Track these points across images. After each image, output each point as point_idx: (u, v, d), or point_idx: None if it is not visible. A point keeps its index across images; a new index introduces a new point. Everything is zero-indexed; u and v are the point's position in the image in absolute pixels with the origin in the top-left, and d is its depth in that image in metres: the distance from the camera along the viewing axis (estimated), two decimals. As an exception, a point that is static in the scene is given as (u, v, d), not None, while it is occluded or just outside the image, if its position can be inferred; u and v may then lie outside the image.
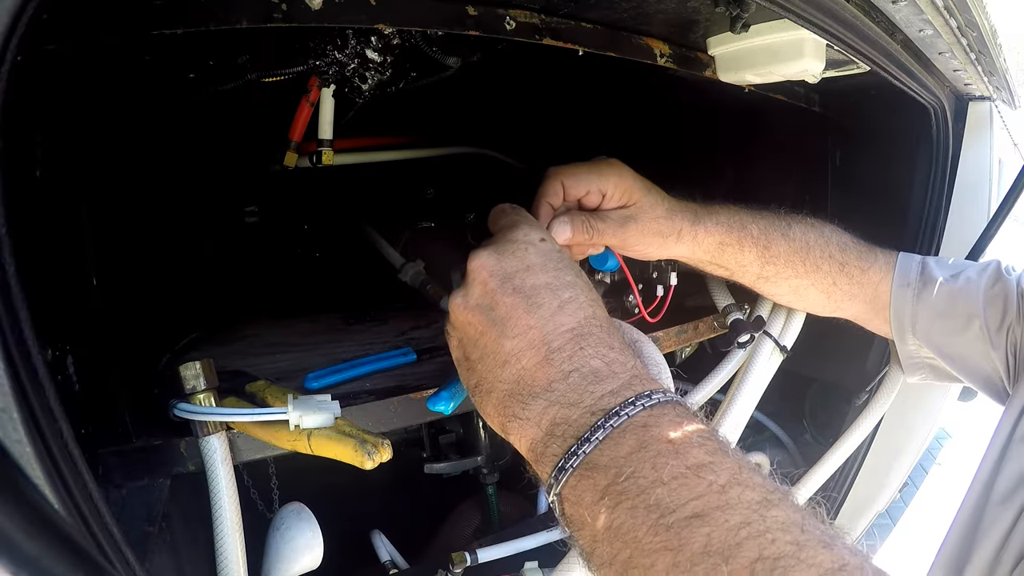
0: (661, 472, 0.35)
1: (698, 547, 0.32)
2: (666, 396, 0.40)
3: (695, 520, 0.32)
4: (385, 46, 0.78)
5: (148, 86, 0.76)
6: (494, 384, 0.45)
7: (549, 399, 0.41)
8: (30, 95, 0.39)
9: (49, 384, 0.33)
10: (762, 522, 0.32)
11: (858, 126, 1.06)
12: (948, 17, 0.70)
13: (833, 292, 0.78)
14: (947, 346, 0.76)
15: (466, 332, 0.48)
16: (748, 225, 0.75)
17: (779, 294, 0.80)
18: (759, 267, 0.76)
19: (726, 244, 0.73)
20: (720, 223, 0.73)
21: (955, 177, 1.01)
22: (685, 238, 0.71)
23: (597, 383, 0.41)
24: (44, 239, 0.45)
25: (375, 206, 1.18)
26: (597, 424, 0.38)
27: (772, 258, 0.75)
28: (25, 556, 0.22)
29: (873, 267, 0.78)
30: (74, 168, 0.50)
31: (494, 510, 1.09)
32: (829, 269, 0.77)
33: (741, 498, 0.33)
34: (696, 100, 1.15)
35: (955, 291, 0.75)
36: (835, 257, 0.77)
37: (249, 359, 0.78)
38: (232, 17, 0.50)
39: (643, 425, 0.38)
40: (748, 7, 0.66)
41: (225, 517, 0.53)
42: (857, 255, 0.78)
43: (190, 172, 1.03)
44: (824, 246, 0.77)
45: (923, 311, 0.76)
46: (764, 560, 0.30)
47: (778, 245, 0.75)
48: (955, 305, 0.75)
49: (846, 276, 0.78)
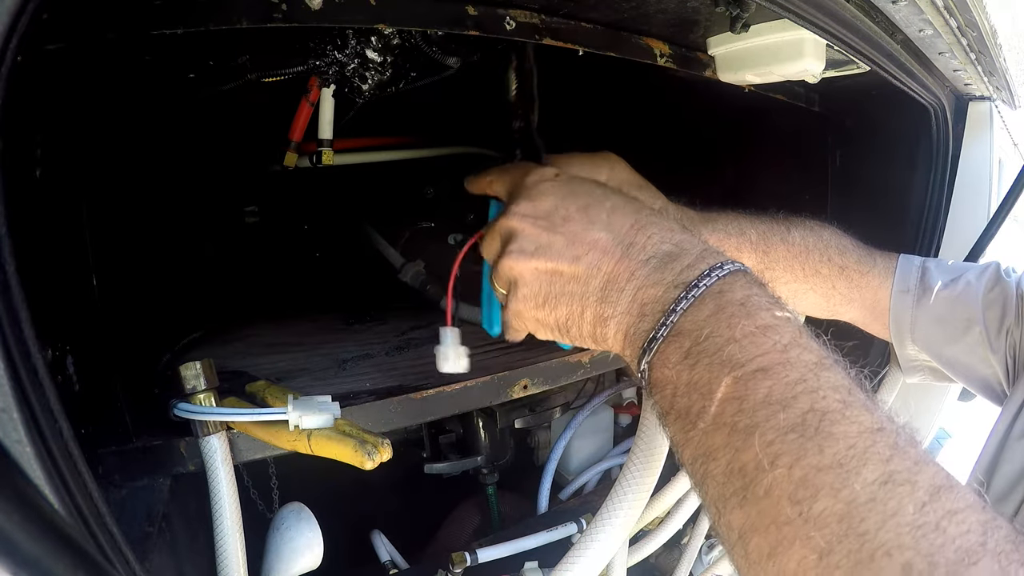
0: (734, 330, 0.39)
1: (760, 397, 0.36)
2: (735, 265, 0.44)
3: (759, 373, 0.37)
4: (385, 46, 0.78)
5: (148, 86, 0.76)
6: (584, 304, 0.48)
7: (636, 285, 0.45)
8: (30, 95, 0.39)
9: (49, 384, 0.33)
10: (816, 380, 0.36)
11: (858, 126, 1.06)
12: (948, 17, 0.70)
13: (832, 296, 0.78)
14: (946, 351, 0.76)
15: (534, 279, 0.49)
16: (747, 230, 0.74)
17: None
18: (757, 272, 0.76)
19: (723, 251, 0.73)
20: (717, 230, 0.73)
21: (955, 177, 1.01)
22: None
23: (673, 261, 0.45)
24: (44, 239, 0.45)
25: (375, 206, 1.18)
26: (680, 296, 0.42)
27: (771, 263, 0.75)
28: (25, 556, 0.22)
29: (872, 271, 0.78)
30: (74, 168, 0.50)
31: (494, 510, 1.09)
32: (828, 273, 0.76)
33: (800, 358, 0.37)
34: (696, 100, 1.15)
35: (954, 297, 0.75)
36: (834, 261, 0.77)
37: (249, 359, 0.78)
38: (232, 17, 0.50)
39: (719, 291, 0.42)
40: (748, 7, 0.66)
41: (225, 517, 0.53)
42: (856, 259, 0.78)
43: (190, 172, 1.03)
44: (823, 250, 0.77)
45: (922, 317, 0.76)
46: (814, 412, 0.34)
47: (777, 250, 0.75)
48: (954, 311, 0.75)
49: (845, 280, 0.77)
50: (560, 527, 0.94)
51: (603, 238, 0.47)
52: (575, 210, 0.49)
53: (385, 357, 0.78)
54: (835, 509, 0.32)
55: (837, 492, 0.32)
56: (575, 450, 1.24)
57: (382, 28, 0.62)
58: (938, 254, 1.00)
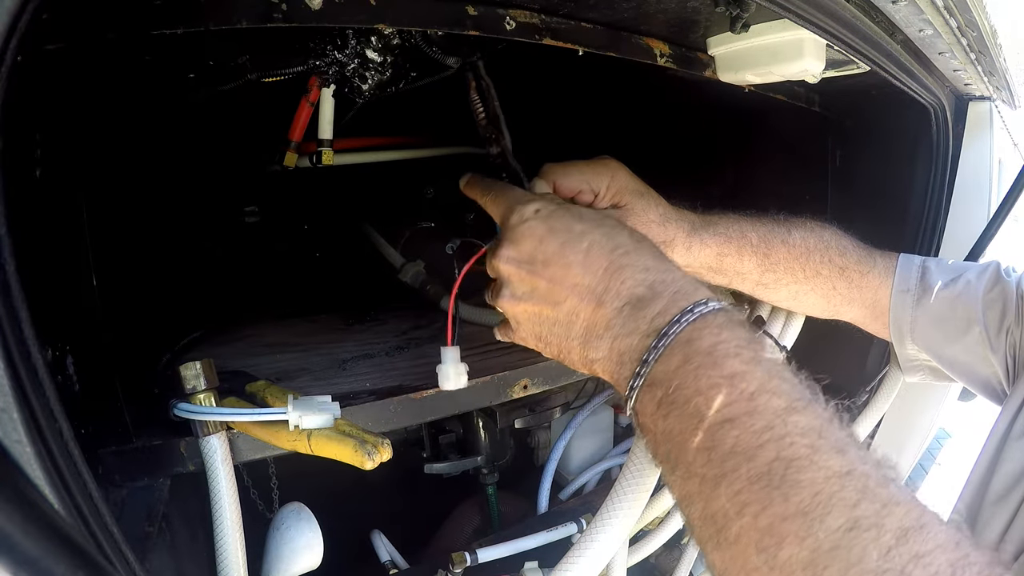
0: (700, 382, 0.40)
1: (727, 448, 0.37)
2: (707, 306, 0.44)
3: (726, 424, 0.38)
4: (385, 46, 0.78)
5: (148, 86, 0.76)
6: (570, 346, 0.51)
7: (613, 335, 0.47)
8: (30, 95, 0.39)
9: (49, 384, 0.33)
10: (784, 426, 0.37)
11: (858, 126, 1.06)
12: (948, 17, 0.70)
13: (832, 296, 0.78)
14: (946, 351, 0.76)
15: (527, 320, 0.53)
16: (747, 233, 0.74)
17: (778, 300, 0.80)
18: (758, 275, 0.76)
19: (724, 254, 0.73)
20: (718, 233, 0.73)
21: (955, 177, 1.01)
22: (678, 248, 0.71)
23: (646, 308, 0.46)
24: (44, 239, 0.45)
25: (375, 206, 1.18)
26: (651, 346, 0.44)
27: (772, 265, 0.75)
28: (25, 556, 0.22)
29: (872, 271, 0.78)
30: (74, 168, 0.50)
31: (494, 510, 1.09)
32: (829, 274, 0.77)
33: (768, 405, 0.38)
34: (696, 100, 1.15)
35: (954, 296, 0.75)
36: (835, 262, 0.77)
37: (249, 359, 0.78)
38: (232, 17, 0.50)
39: (687, 340, 0.43)
40: (748, 7, 0.66)
41: (225, 517, 0.53)
42: (857, 259, 0.78)
43: (190, 172, 1.03)
44: (824, 251, 0.77)
45: (922, 317, 0.76)
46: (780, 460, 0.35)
47: (778, 252, 0.75)
48: (954, 311, 0.74)
49: (845, 281, 0.78)
50: (560, 527, 0.94)
51: (580, 282, 0.49)
52: (553, 252, 0.51)
53: (385, 357, 0.78)
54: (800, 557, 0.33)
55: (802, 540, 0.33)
56: (575, 450, 1.24)
57: (382, 28, 0.62)
58: (938, 254, 1.00)
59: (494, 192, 0.59)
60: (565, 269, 0.50)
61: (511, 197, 0.56)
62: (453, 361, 0.61)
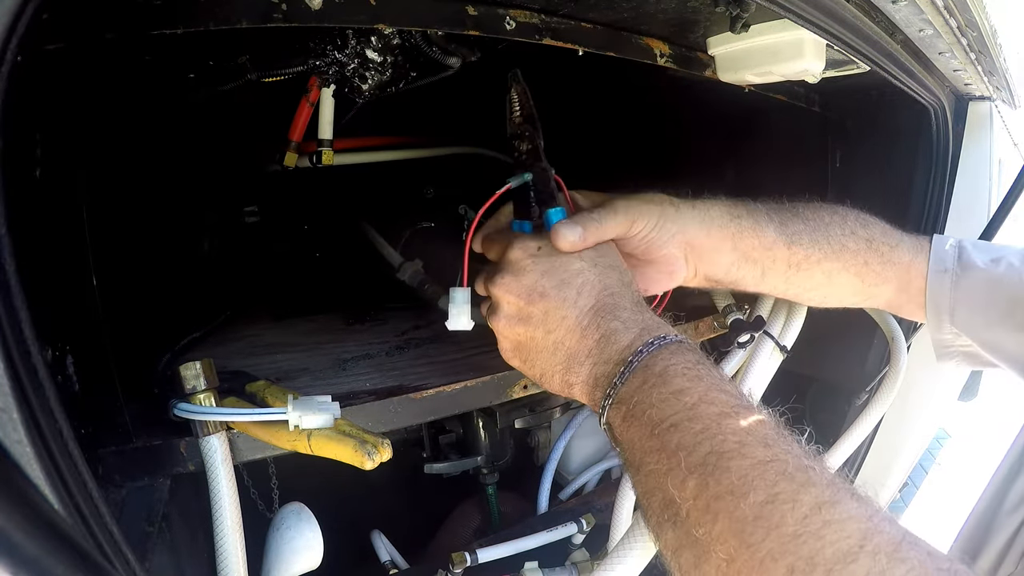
0: (652, 397, 0.49)
1: (673, 446, 0.45)
2: (666, 339, 0.52)
3: (672, 428, 0.46)
4: (385, 46, 0.78)
5: (148, 86, 0.76)
6: (553, 369, 0.58)
7: (591, 362, 0.55)
8: (30, 95, 0.39)
9: (49, 384, 0.33)
10: (717, 428, 0.45)
11: (858, 126, 1.06)
12: (948, 17, 0.70)
13: (866, 274, 0.72)
14: (989, 335, 0.72)
15: (517, 342, 0.60)
16: (750, 202, 0.70)
17: (813, 286, 0.73)
18: (786, 249, 0.69)
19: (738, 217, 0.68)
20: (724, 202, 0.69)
21: (955, 177, 1.01)
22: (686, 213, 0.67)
23: (617, 340, 0.54)
24: (44, 239, 0.45)
25: (375, 206, 1.18)
26: (620, 372, 0.52)
27: (794, 236, 0.69)
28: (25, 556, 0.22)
29: (901, 245, 0.73)
30: (74, 168, 0.50)
31: (494, 510, 1.09)
32: (856, 248, 0.71)
33: (705, 412, 0.46)
34: (696, 100, 1.15)
35: (997, 278, 0.71)
36: (859, 234, 0.72)
37: (249, 359, 0.78)
38: (232, 17, 0.50)
39: (646, 366, 0.51)
40: (748, 7, 0.66)
41: (225, 517, 0.53)
42: (882, 231, 0.73)
43: (190, 172, 1.03)
44: (842, 222, 0.72)
45: (963, 299, 0.72)
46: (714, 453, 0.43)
47: (794, 223, 0.70)
48: (999, 293, 0.70)
49: (876, 254, 0.72)
50: (560, 527, 0.95)
51: (570, 316, 0.56)
52: (551, 287, 0.58)
53: (385, 357, 0.78)
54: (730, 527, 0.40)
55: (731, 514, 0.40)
56: (575, 450, 1.24)
57: (382, 28, 0.62)
58: (938, 254, 0.99)
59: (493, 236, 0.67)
60: (559, 303, 0.57)
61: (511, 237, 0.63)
62: (463, 302, 0.64)
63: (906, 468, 1.29)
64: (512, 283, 0.59)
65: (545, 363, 0.58)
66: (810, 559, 0.36)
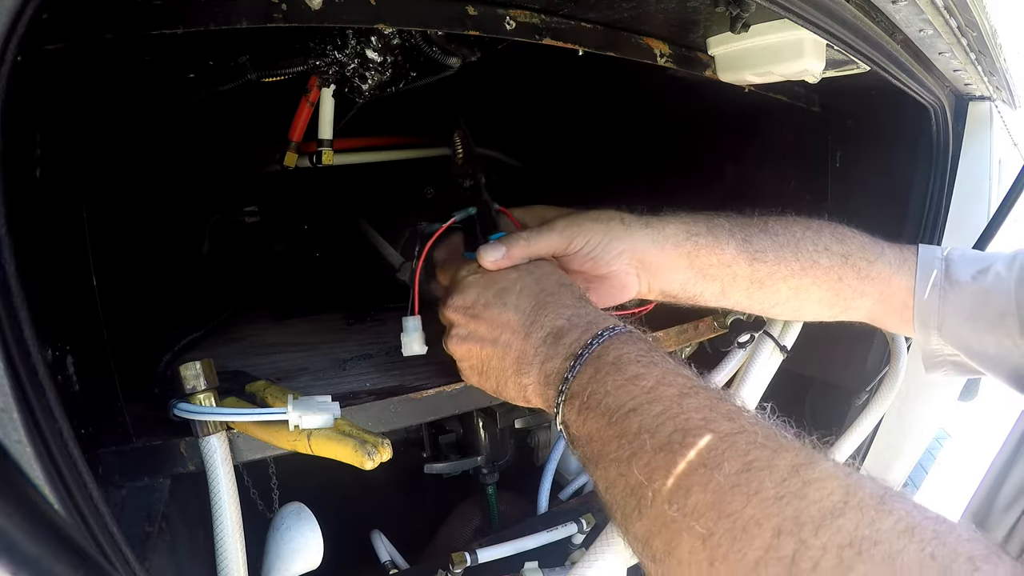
0: (607, 385, 0.48)
1: (634, 431, 0.45)
2: (614, 331, 0.52)
3: (631, 413, 0.45)
4: (385, 46, 0.78)
5: (148, 86, 0.76)
6: (506, 376, 0.58)
7: (540, 360, 0.55)
8: (30, 95, 0.39)
9: (49, 384, 0.33)
10: (679, 408, 0.44)
11: (858, 126, 1.06)
12: (948, 17, 0.70)
13: (841, 290, 0.72)
14: (977, 345, 0.72)
15: (472, 359, 0.61)
16: (712, 217, 0.70)
17: (779, 301, 0.72)
18: (748, 266, 0.68)
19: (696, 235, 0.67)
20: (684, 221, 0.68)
21: (955, 177, 1.01)
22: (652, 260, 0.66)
23: (565, 336, 0.54)
24: (44, 239, 0.45)
25: (375, 206, 1.18)
26: (570, 366, 0.52)
27: (758, 254, 0.68)
28: (25, 556, 0.22)
29: (880, 260, 0.73)
30: (74, 168, 0.50)
31: (494, 510, 1.09)
32: (830, 264, 0.71)
33: (664, 394, 0.46)
34: (696, 100, 1.15)
35: (985, 289, 0.71)
36: (833, 250, 0.71)
37: (249, 359, 0.78)
38: (232, 17, 0.50)
39: (597, 356, 0.51)
40: (748, 7, 0.66)
41: (225, 517, 0.53)
42: (860, 246, 0.73)
43: (190, 172, 1.03)
44: (815, 239, 0.71)
45: (951, 312, 0.72)
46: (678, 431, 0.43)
47: (760, 240, 0.69)
48: (986, 304, 0.70)
49: (852, 269, 0.71)
50: (560, 527, 0.94)
51: (512, 319, 0.58)
52: (492, 296, 0.60)
53: (385, 357, 0.78)
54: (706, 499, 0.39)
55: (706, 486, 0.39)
56: (575, 450, 1.24)
57: (382, 28, 0.62)
58: (938, 254, 0.99)
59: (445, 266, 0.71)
60: (500, 310, 0.59)
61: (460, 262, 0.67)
62: (414, 329, 0.68)
63: (906, 468, 1.29)
64: (457, 301, 0.62)
65: (499, 372, 0.59)
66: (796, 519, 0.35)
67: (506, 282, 0.61)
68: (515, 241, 0.64)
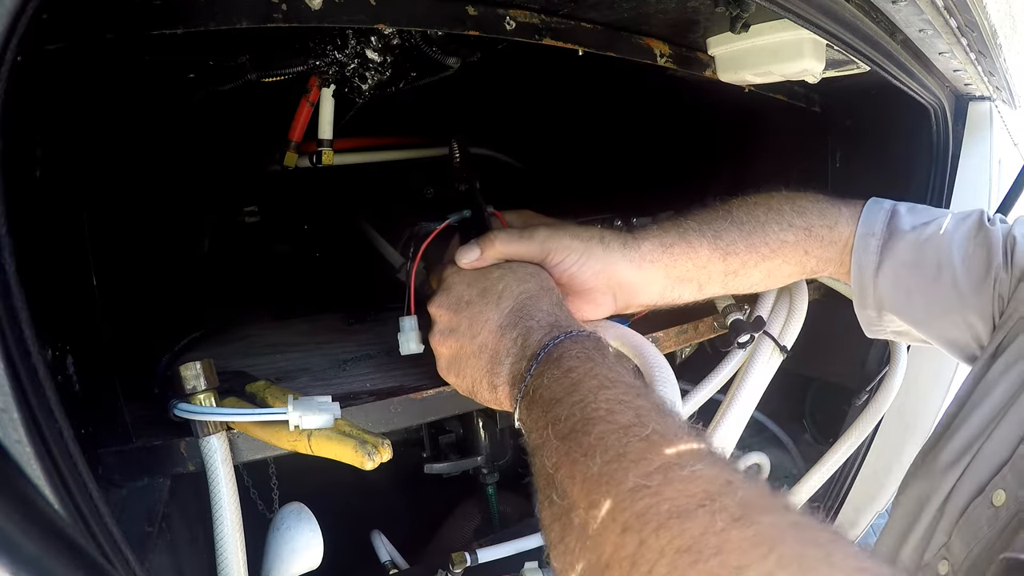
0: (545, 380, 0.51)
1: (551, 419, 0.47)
2: (571, 333, 0.55)
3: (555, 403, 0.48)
4: (385, 46, 0.78)
5: (148, 86, 0.76)
6: (480, 374, 0.59)
7: (510, 360, 0.57)
8: (30, 95, 0.39)
9: (49, 384, 0.33)
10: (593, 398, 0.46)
11: (858, 126, 1.07)
12: (948, 17, 0.70)
13: (806, 261, 0.74)
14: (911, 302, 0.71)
15: (449, 355, 0.62)
16: (682, 223, 0.70)
17: (753, 284, 0.75)
18: (721, 263, 0.70)
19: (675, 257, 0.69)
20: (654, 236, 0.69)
21: (955, 177, 1.01)
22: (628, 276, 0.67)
23: (530, 337, 0.56)
24: (44, 239, 0.45)
25: (375, 206, 1.18)
26: (529, 366, 0.54)
27: (729, 247, 0.70)
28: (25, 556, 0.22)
29: (840, 223, 0.73)
30: (74, 168, 0.50)
31: (494, 510, 1.09)
32: (795, 239, 0.72)
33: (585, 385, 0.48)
34: (695, 100, 1.15)
35: (923, 240, 0.70)
36: (796, 224, 0.72)
37: (249, 359, 0.78)
38: (232, 17, 0.50)
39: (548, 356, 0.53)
40: (748, 7, 0.66)
41: (225, 517, 0.53)
42: (819, 213, 0.73)
43: (190, 172, 1.03)
44: (778, 216, 0.72)
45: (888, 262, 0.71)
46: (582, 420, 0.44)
47: (729, 233, 0.70)
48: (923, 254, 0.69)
49: (816, 240, 0.73)
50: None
51: (492, 318, 0.59)
52: (475, 294, 0.62)
53: (385, 357, 0.78)
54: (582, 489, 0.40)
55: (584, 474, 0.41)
56: (575, 450, 1.24)
57: (382, 28, 0.62)
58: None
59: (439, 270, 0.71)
60: (483, 307, 0.60)
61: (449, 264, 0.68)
62: (410, 328, 0.69)
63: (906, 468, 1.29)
64: (443, 298, 0.63)
65: (473, 370, 0.59)
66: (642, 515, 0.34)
67: (488, 281, 0.62)
68: (490, 242, 0.65)
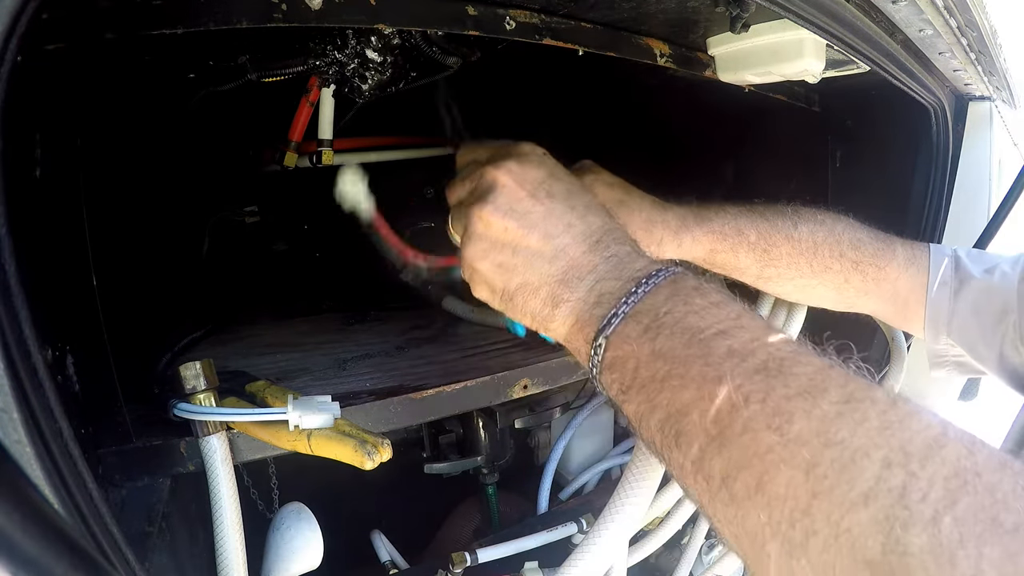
0: (691, 305, 0.44)
1: (723, 352, 0.41)
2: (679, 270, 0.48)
3: (719, 335, 0.42)
4: (385, 46, 0.78)
5: (148, 86, 0.76)
6: (543, 280, 0.50)
7: (596, 277, 0.49)
8: (30, 95, 0.39)
9: (49, 384, 0.33)
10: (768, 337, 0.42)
11: (858, 126, 1.06)
12: (948, 17, 0.70)
13: (845, 289, 0.76)
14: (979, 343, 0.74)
15: (502, 238, 0.51)
16: (745, 230, 0.73)
17: (783, 293, 0.79)
18: (758, 269, 0.74)
19: (717, 251, 0.72)
20: (712, 231, 0.72)
21: (955, 177, 1.01)
22: (667, 246, 0.70)
23: (631, 263, 0.49)
24: (44, 239, 0.45)
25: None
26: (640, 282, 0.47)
27: (772, 261, 0.73)
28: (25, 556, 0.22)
29: (891, 264, 0.76)
30: (74, 168, 0.50)
31: (494, 510, 1.09)
32: (840, 269, 0.74)
33: (751, 323, 0.44)
34: (696, 100, 1.15)
35: (990, 287, 0.73)
36: (847, 256, 0.74)
37: (249, 359, 0.78)
38: (232, 17, 0.50)
39: (672, 282, 0.47)
40: (748, 7, 0.66)
41: (225, 517, 0.53)
42: (873, 252, 0.76)
43: (190, 172, 1.03)
44: (834, 245, 0.74)
45: (961, 309, 0.74)
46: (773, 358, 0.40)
47: (780, 248, 0.74)
48: (990, 300, 0.72)
49: (860, 274, 0.75)
50: (560, 527, 0.94)
51: (577, 226, 0.51)
52: (560, 190, 0.52)
53: (385, 357, 0.78)
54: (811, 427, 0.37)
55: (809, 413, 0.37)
56: (575, 450, 1.24)
57: (382, 28, 0.62)
58: (938, 254, 0.99)
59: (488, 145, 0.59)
60: (567, 209, 0.51)
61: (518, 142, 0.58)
62: None
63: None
64: (518, 169, 0.52)
65: (535, 272, 0.50)
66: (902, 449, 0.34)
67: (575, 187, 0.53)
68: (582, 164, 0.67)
